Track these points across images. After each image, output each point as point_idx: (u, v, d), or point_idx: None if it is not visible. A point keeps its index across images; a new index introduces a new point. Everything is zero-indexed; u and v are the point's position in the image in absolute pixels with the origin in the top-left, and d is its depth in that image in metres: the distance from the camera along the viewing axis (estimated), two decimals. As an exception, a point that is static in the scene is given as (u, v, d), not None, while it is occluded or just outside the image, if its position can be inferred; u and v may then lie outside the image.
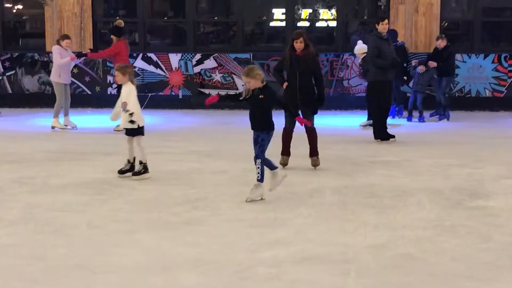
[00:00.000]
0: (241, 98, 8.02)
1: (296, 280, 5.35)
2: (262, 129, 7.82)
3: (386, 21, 11.83)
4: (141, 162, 9.00)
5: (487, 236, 6.52)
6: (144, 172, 8.98)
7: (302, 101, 9.55)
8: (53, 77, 13.45)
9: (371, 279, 5.37)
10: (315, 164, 9.73)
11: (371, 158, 10.35)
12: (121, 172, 9.06)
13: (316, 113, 9.71)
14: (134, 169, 9.05)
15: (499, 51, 16.55)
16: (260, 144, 7.78)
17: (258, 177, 7.80)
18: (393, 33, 14.38)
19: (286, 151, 9.78)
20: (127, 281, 5.35)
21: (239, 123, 14.07)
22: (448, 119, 14.76)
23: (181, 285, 5.29)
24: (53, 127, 13.41)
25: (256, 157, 7.80)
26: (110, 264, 5.68)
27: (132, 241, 6.33)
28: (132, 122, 8.91)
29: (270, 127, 7.86)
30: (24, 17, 18.77)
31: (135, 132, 9.02)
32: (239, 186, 8.48)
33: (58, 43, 13.53)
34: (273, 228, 6.73)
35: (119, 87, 10.36)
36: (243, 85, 8.15)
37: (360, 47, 14.10)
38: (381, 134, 11.84)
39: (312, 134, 9.75)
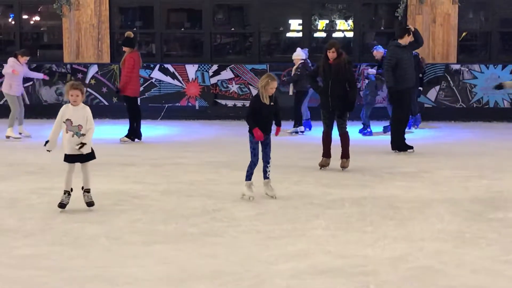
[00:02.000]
0: (268, 104, 8.31)
1: (315, 293, 5.32)
2: (270, 132, 8.49)
3: (413, 35, 11.79)
4: (89, 190, 7.92)
5: (508, 248, 6.44)
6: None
7: (333, 107, 10.19)
8: (4, 89, 13.85)
9: (391, 292, 5.33)
10: (344, 165, 10.27)
11: (389, 169, 10.29)
12: (63, 206, 7.80)
13: (345, 117, 10.28)
14: (85, 200, 7.91)
15: (517, 61, 16.45)
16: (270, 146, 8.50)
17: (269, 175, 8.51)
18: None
19: (326, 153, 10.37)
20: (146, 292, 5.35)
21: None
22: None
23: (200, 297, 5.28)
24: (7, 137, 13.71)
25: (270, 159, 8.47)
26: (128, 276, 5.67)
27: (150, 252, 6.32)
28: (81, 147, 7.69)
29: None
30: (42, 29, 18.90)
31: (89, 157, 7.84)
32: (256, 197, 8.45)
33: (15, 56, 13.83)
34: (291, 240, 6.69)
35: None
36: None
37: (297, 54, 14.43)
38: (399, 144, 11.79)
39: (344, 138, 10.31)
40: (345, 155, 10.30)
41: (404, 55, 11.67)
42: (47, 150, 7.92)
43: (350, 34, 17.36)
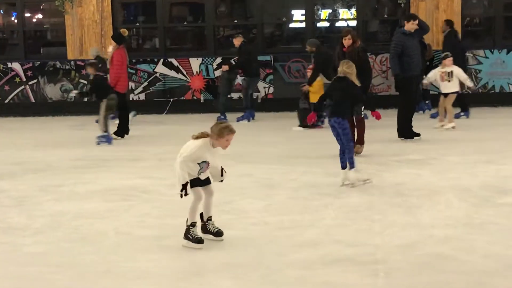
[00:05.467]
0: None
1: (326, 282, 5.31)
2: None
3: (417, 21, 11.70)
4: (211, 218, 6.66)
5: (518, 233, 6.44)
6: None
7: None
8: None
9: (401, 280, 5.32)
10: (357, 151, 10.28)
11: (396, 157, 10.26)
12: (202, 240, 6.33)
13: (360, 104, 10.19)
14: (211, 229, 6.57)
15: (522, 45, 16.40)
16: None
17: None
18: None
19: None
20: (157, 287, 5.34)
21: (262, 126, 14.04)
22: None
23: (211, 289, 5.28)
24: None
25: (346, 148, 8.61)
26: (139, 271, 5.68)
27: (161, 247, 6.32)
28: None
29: None
30: (45, 26, 18.91)
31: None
32: (264, 188, 8.48)
33: None
34: (300, 230, 6.69)
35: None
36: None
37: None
38: (406, 132, 11.75)
39: (359, 124, 10.55)
40: (359, 141, 10.51)
41: (410, 42, 11.60)
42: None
43: (353, 23, 17.29)
